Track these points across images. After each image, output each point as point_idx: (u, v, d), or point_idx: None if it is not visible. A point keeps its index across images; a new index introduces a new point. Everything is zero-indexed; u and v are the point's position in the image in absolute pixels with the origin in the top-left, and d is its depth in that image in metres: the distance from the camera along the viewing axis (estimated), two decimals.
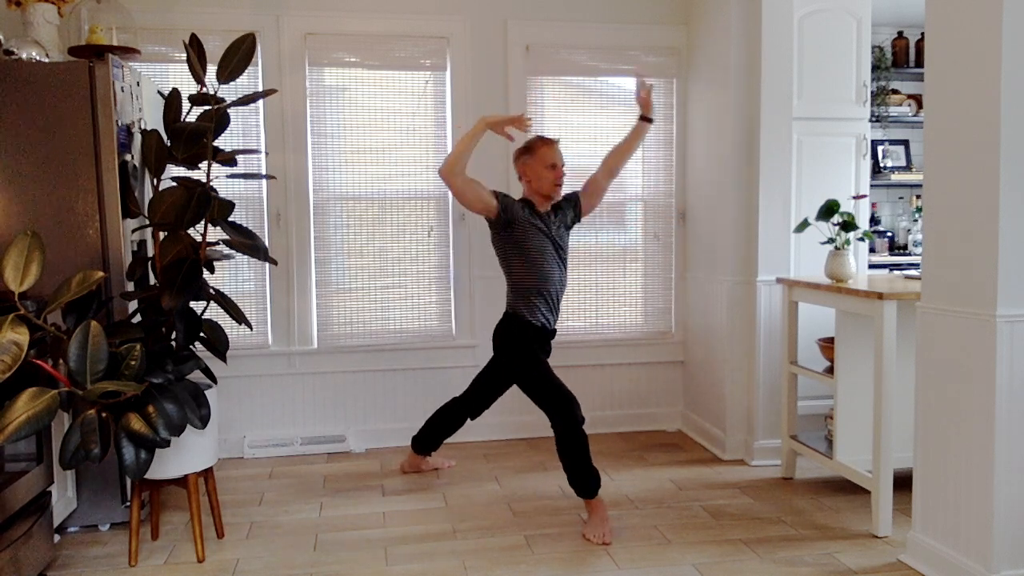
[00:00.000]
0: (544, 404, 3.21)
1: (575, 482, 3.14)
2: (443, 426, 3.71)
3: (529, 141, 3.42)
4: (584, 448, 3.11)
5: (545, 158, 3.33)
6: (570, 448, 3.11)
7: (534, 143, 3.39)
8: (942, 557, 2.64)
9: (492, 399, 3.67)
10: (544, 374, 3.25)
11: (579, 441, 3.11)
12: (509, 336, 3.35)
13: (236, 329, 3.97)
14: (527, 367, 3.27)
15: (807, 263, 3.94)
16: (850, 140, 4.00)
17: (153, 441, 2.48)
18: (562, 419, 3.13)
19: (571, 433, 3.11)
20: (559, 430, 3.14)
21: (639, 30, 4.39)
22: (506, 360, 3.39)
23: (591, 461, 3.13)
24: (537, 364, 3.27)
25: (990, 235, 2.43)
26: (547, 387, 3.20)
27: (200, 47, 2.87)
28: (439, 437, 3.74)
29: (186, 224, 2.83)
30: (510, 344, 3.34)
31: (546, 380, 3.22)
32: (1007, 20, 2.36)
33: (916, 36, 4.99)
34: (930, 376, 2.69)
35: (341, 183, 4.21)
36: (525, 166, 3.38)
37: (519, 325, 3.32)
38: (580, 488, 3.14)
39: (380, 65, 4.19)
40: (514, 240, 3.29)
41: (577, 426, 3.12)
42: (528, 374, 3.27)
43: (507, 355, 3.37)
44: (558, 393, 3.17)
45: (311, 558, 2.91)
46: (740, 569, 2.78)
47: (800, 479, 3.70)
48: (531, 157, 3.36)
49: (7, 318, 2.29)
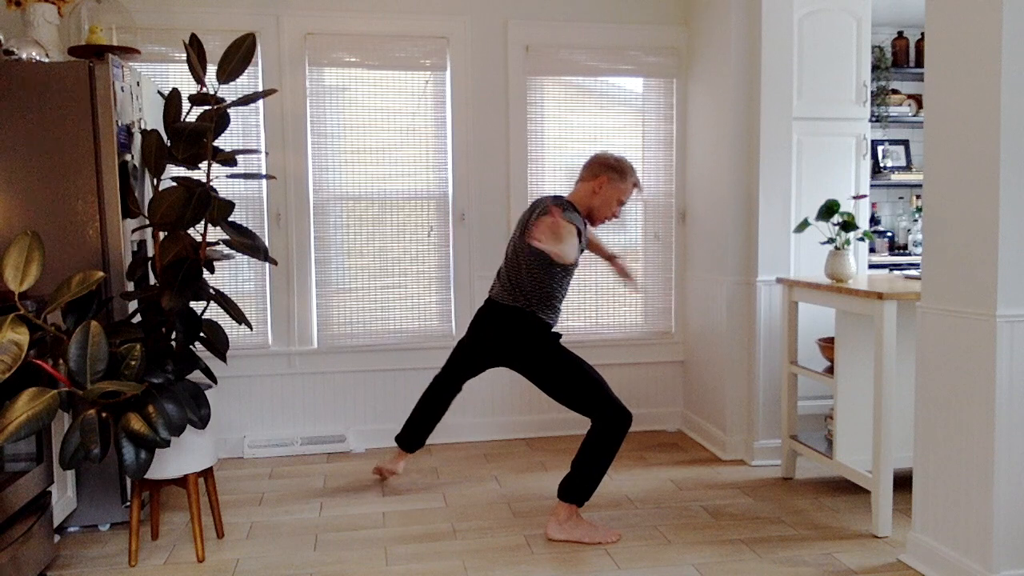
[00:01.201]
0: (587, 399, 3.05)
1: (584, 486, 3.03)
2: (430, 415, 3.55)
3: (625, 164, 3.20)
4: (614, 454, 3.04)
5: (625, 193, 3.18)
6: (607, 450, 3.01)
7: (628, 170, 3.19)
8: (942, 557, 2.64)
9: (462, 383, 3.54)
10: (588, 368, 3.11)
11: (617, 445, 3.03)
12: (532, 334, 3.16)
13: (236, 329, 3.98)
14: (569, 363, 3.11)
15: (807, 263, 3.94)
16: (850, 140, 4.00)
17: (153, 441, 2.48)
18: (611, 417, 3.01)
19: (617, 434, 3.01)
20: (603, 427, 3.01)
21: (639, 30, 4.39)
22: (530, 356, 3.17)
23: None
24: (577, 359, 3.13)
25: (990, 235, 2.43)
26: (592, 382, 3.07)
27: (200, 47, 2.87)
28: (427, 429, 3.58)
29: (186, 224, 2.83)
30: (536, 341, 3.17)
31: (591, 374, 3.09)
32: (1007, 20, 2.36)
33: (916, 36, 4.99)
34: (930, 376, 2.69)
35: (341, 183, 4.21)
36: (606, 184, 3.15)
37: (541, 325, 3.17)
38: (583, 493, 3.04)
39: (380, 65, 4.19)
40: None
41: (625, 428, 3.02)
42: (571, 370, 3.10)
43: (531, 352, 3.17)
44: (604, 388, 3.06)
45: (311, 558, 2.91)
46: (740, 569, 2.78)
47: (800, 479, 3.70)
48: (618, 182, 3.16)
49: (7, 318, 2.29)
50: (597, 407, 3.04)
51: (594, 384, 3.07)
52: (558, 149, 4.39)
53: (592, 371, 3.12)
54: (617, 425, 3.02)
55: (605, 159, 3.20)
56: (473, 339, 3.38)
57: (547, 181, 4.40)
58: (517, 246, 3.19)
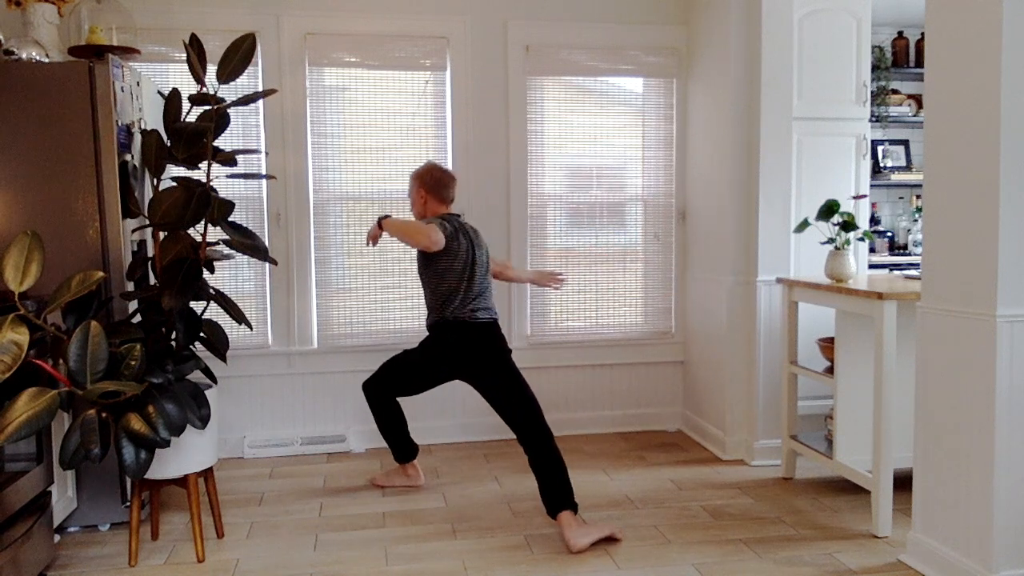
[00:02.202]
0: (521, 410, 3.11)
1: (560, 494, 3.01)
2: (395, 424, 3.55)
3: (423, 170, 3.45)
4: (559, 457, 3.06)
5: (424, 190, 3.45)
6: (551, 457, 3.04)
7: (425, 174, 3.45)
8: (942, 557, 2.64)
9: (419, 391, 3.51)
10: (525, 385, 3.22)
11: (554, 451, 3.06)
12: (502, 345, 3.28)
13: (236, 329, 3.98)
14: (514, 373, 3.22)
15: (807, 263, 3.94)
16: (850, 140, 4.00)
17: (153, 441, 2.48)
18: (540, 428, 3.08)
19: (548, 445, 3.06)
20: (538, 441, 3.07)
21: (639, 30, 4.39)
22: (497, 367, 3.23)
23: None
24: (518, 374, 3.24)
25: (990, 235, 2.43)
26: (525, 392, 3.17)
27: (200, 47, 2.87)
28: (403, 436, 3.58)
29: (186, 224, 2.83)
30: (504, 352, 3.27)
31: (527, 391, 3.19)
32: (1007, 20, 2.36)
33: (916, 36, 4.99)
34: (930, 376, 2.69)
35: (341, 183, 4.21)
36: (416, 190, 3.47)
37: (466, 327, 3.26)
38: (567, 496, 3.01)
39: (380, 65, 4.19)
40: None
41: (549, 440, 3.07)
42: (516, 380, 3.19)
43: (500, 363, 3.24)
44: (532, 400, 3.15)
45: (311, 558, 2.91)
46: (740, 569, 2.78)
47: (800, 479, 3.70)
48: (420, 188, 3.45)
49: (7, 318, 2.29)
50: (528, 423, 3.09)
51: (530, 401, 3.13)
52: (558, 149, 4.39)
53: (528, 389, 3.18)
54: (543, 440, 3.05)
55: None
56: (431, 358, 3.36)
57: (547, 181, 4.41)
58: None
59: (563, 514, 2.98)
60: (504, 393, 3.15)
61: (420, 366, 3.39)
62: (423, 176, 3.41)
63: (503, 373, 3.19)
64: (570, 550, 2.91)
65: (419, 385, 3.44)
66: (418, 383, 3.44)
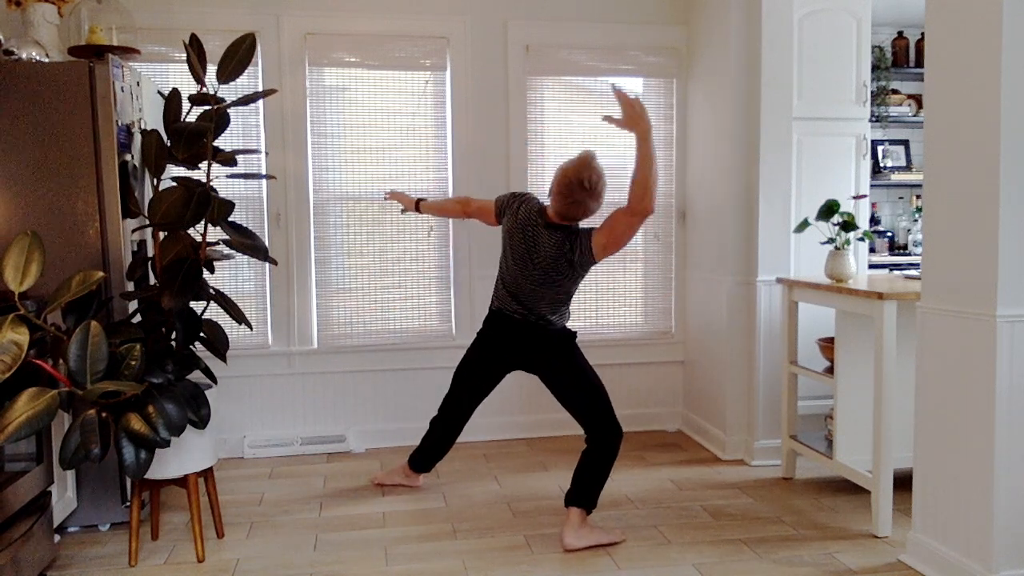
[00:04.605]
0: (596, 409, 3.12)
1: (588, 492, 3.03)
2: (441, 443, 3.53)
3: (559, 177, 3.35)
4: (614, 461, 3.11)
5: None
6: (607, 458, 3.07)
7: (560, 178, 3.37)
8: (942, 557, 2.64)
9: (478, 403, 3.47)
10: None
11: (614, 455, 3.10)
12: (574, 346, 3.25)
13: (236, 329, 3.97)
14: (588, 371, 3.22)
15: (807, 263, 3.94)
16: (850, 140, 4.00)
17: (153, 441, 2.48)
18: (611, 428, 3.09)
19: (613, 447, 3.08)
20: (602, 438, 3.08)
21: (639, 30, 4.39)
22: (566, 366, 3.22)
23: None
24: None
25: (990, 235, 2.43)
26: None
27: (200, 47, 2.87)
28: (440, 454, 3.56)
29: (186, 224, 2.83)
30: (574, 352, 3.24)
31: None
32: (1007, 20, 2.36)
33: (916, 36, 4.99)
34: (930, 376, 2.69)
35: (341, 183, 4.21)
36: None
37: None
38: (592, 497, 3.04)
39: (380, 65, 4.19)
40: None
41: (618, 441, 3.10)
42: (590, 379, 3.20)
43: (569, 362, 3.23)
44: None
45: (311, 558, 2.91)
46: (740, 569, 2.78)
47: (800, 479, 3.70)
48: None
49: (7, 318, 2.29)
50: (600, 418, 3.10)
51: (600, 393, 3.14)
52: (558, 149, 4.38)
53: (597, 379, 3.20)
54: (612, 440, 3.07)
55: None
56: (501, 352, 3.30)
57: (547, 181, 4.37)
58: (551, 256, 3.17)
59: (577, 510, 2.99)
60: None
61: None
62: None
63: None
64: (563, 547, 2.94)
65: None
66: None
